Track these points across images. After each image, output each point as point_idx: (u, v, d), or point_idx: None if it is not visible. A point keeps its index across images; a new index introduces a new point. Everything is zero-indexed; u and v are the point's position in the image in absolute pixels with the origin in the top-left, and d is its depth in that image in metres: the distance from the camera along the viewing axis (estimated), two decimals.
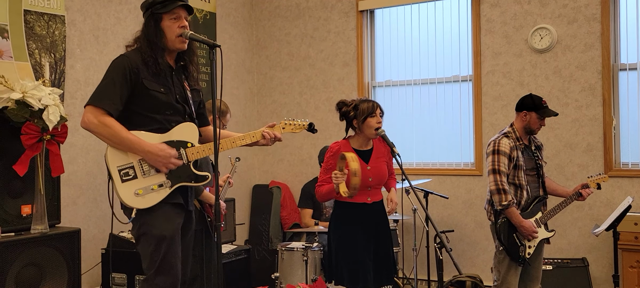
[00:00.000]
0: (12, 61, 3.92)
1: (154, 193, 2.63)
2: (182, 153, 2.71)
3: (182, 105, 2.77)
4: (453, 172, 5.27)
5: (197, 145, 2.76)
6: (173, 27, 2.71)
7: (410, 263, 5.00)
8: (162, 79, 2.72)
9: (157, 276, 2.63)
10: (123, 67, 2.65)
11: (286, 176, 6.01)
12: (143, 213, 2.65)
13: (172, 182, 2.68)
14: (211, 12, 5.60)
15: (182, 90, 2.80)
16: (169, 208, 2.68)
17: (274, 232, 5.69)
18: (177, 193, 2.72)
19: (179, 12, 2.73)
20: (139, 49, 2.74)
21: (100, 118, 2.61)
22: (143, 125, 2.68)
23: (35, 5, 4.07)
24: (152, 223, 2.64)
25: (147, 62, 2.68)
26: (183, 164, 2.71)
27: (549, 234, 3.76)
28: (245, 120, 6.00)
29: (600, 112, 4.72)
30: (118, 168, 2.63)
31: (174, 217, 2.69)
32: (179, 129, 2.73)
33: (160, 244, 2.62)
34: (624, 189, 4.63)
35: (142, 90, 2.66)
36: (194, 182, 2.75)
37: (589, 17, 4.75)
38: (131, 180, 2.63)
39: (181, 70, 2.84)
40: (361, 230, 3.47)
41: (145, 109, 2.68)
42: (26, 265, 3.37)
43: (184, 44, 2.75)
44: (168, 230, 2.64)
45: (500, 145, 3.66)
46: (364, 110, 3.45)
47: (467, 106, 5.26)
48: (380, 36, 5.69)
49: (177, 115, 2.75)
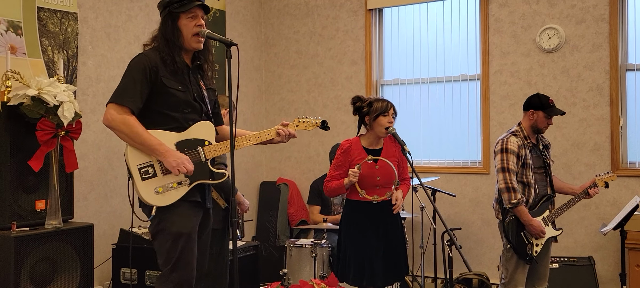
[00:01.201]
0: (26, 58, 3.96)
1: (173, 191, 2.67)
2: (199, 151, 2.75)
3: (199, 103, 2.81)
4: (460, 171, 5.30)
5: (214, 143, 2.80)
6: (190, 25, 2.74)
7: (417, 261, 5.03)
8: (180, 77, 2.75)
9: (173, 272, 2.66)
10: (143, 66, 2.68)
11: (293, 173, 6.04)
12: (162, 211, 2.68)
13: (190, 180, 2.71)
14: (221, 10, 5.63)
15: (198, 88, 2.84)
16: (187, 206, 2.71)
17: (281, 229, 5.73)
18: (196, 191, 2.75)
19: (196, 11, 2.77)
20: (157, 47, 2.77)
21: (123, 116, 2.64)
22: (162, 123, 2.72)
23: (48, 3, 4.11)
24: (171, 220, 2.68)
25: (165, 61, 2.72)
26: (201, 162, 2.74)
27: (557, 232, 3.78)
28: (254, 118, 6.04)
29: (607, 111, 4.74)
30: (138, 166, 2.67)
31: (192, 215, 2.73)
32: (197, 128, 2.77)
33: (178, 241, 2.66)
34: (631, 189, 4.65)
35: (161, 88, 2.70)
36: (212, 180, 2.78)
37: (597, 18, 4.77)
38: (151, 178, 2.67)
39: (197, 69, 2.88)
40: (370, 228, 3.51)
41: (164, 107, 2.72)
42: (40, 259, 3.42)
43: (200, 43, 2.79)
44: (186, 227, 2.68)
45: (509, 144, 3.69)
46: (377, 108, 3.49)
47: (474, 105, 5.29)
48: (388, 35, 5.71)
49: (194, 114, 2.78)
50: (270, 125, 6.14)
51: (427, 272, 5.00)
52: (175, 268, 2.66)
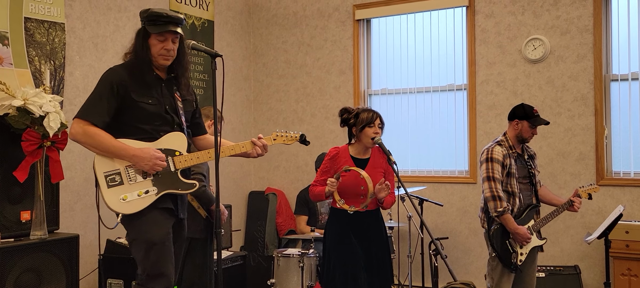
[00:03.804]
0: (13, 68, 3.95)
1: (139, 200, 2.69)
2: (169, 161, 2.76)
3: (171, 115, 2.82)
4: (447, 180, 5.33)
5: (185, 154, 2.81)
6: (158, 46, 2.77)
7: (405, 270, 5.04)
8: (151, 91, 2.78)
9: (149, 281, 2.69)
10: (110, 81, 2.73)
11: (282, 183, 6.05)
12: (132, 219, 2.70)
13: (158, 190, 2.72)
14: (209, 20, 5.65)
15: (172, 100, 2.85)
16: (158, 213, 2.73)
17: (269, 239, 5.73)
18: (167, 198, 2.76)
19: (167, 35, 2.78)
20: (129, 60, 2.82)
21: (85, 128, 2.69)
22: (132, 134, 2.75)
23: (35, 13, 4.11)
24: (141, 228, 2.70)
25: (134, 75, 2.75)
26: (170, 172, 2.76)
27: (541, 242, 3.81)
28: (242, 127, 6.04)
29: (592, 121, 4.79)
30: (104, 174, 2.70)
31: (163, 222, 2.74)
32: (167, 138, 2.79)
33: (150, 249, 2.68)
34: (616, 198, 4.69)
35: (130, 102, 2.74)
36: (181, 190, 2.79)
37: (581, 29, 4.83)
38: (117, 186, 2.69)
39: (172, 81, 2.89)
40: (355, 237, 3.52)
41: (135, 119, 2.75)
42: (25, 270, 3.39)
43: (168, 61, 2.81)
44: (157, 235, 2.70)
45: (494, 153, 3.73)
46: (363, 119, 3.51)
47: (461, 115, 5.33)
48: (376, 45, 5.75)
49: (165, 126, 2.81)
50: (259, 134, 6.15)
51: (415, 282, 5.01)
52: (150, 277, 2.68)
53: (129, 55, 2.84)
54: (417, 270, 4.97)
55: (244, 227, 6.00)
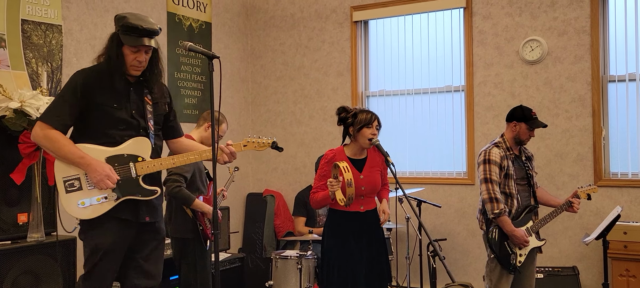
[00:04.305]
0: (10, 70, 3.95)
1: (97, 206, 2.70)
2: (130, 167, 2.75)
3: (137, 120, 2.80)
4: (445, 181, 5.33)
5: (148, 160, 2.79)
6: (130, 57, 2.74)
7: (403, 272, 5.04)
8: (117, 95, 2.76)
9: (85, 281, 2.76)
10: (74, 85, 2.73)
11: (280, 184, 6.04)
12: (85, 223, 2.74)
13: (117, 195, 2.72)
14: (207, 22, 5.65)
15: (140, 105, 2.82)
16: (114, 222, 2.73)
17: (267, 240, 5.72)
18: (124, 208, 2.75)
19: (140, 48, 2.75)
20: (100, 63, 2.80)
21: (45, 131, 2.69)
22: (96, 138, 2.74)
23: (32, 15, 4.10)
24: (91, 233, 2.74)
25: (102, 78, 2.74)
26: (131, 178, 2.75)
27: (540, 243, 3.81)
28: (240, 129, 6.04)
29: (590, 122, 4.80)
30: (63, 179, 2.70)
31: (115, 231, 2.74)
32: (130, 144, 2.77)
33: (95, 254, 2.72)
34: (613, 199, 4.70)
35: (94, 106, 2.73)
36: (141, 196, 2.77)
37: (578, 30, 4.83)
38: (76, 192, 2.70)
39: (143, 84, 2.85)
40: (353, 238, 3.51)
41: (98, 123, 2.74)
42: (22, 273, 3.38)
43: (138, 72, 2.79)
44: (104, 243, 2.72)
45: (491, 155, 3.72)
46: (361, 120, 3.50)
47: (459, 116, 5.33)
48: (374, 46, 5.75)
49: (130, 130, 2.78)
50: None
51: (413, 283, 5.01)
52: (87, 277, 2.75)
53: (101, 58, 2.81)
54: (415, 272, 4.97)
55: (242, 228, 5.99)
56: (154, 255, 2.89)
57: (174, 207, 3.78)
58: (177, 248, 3.82)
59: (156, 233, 2.91)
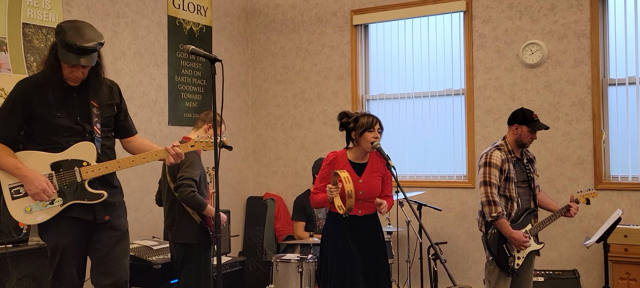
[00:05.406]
0: (11, 74, 3.95)
1: (43, 211, 2.74)
2: (75, 171, 2.76)
3: (82, 125, 2.80)
4: (446, 185, 5.33)
5: (93, 164, 2.79)
6: (67, 70, 2.72)
7: (404, 275, 5.04)
8: (60, 103, 2.76)
9: (53, 281, 2.82)
10: (14, 96, 2.76)
11: (280, 188, 6.05)
12: (41, 225, 2.81)
13: (63, 200, 2.76)
14: (207, 26, 5.66)
15: (85, 110, 2.82)
16: (65, 221, 2.78)
17: (268, 244, 5.72)
18: (74, 207, 2.79)
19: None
20: (42, 71, 2.80)
21: None
22: (43, 144, 2.77)
23: (33, 19, 4.11)
24: (47, 234, 2.81)
25: (43, 88, 2.74)
26: (76, 183, 2.77)
27: (539, 246, 3.82)
28: (240, 133, 6.04)
29: (590, 126, 4.81)
30: (9, 186, 2.74)
31: (69, 230, 2.79)
32: (75, 148, 2.78)
33: (55, 254, 2.79)
34: (614, 202, 4.70)
35: (37, 116, 2.75)
36: (87, 201, 2.79)
37: (578, 33, 4.85)
38: (21, 198, 2.74)
39: (87, 89, 2.83)
40: (352, 242, 3.51)
41: (43, 132, 2.76)
42: (24, 276, 3.39)
43: (76, 83, 2.78)
44: (61, 242, 2.78)
45: (492, 158, 3.73)
46: (363, 124, 3.51)
47: (459, 119, 5.34)
48: (374, 50, 5.76)
49: (75, 136, 2.80)
50: (257, 139, 6.16)
51: (414, 286, 5.01)
52: (54, 278, 2.82)
53: (43, 66, 2.81)
54: (416, 275, 4.97)
55: (242, 232, 5.99)
56: (114, 252, 2.89)
57: (177, 212, 3.74)
58: (180, 253, 3.78)
59: (115, 230, 2.92)
